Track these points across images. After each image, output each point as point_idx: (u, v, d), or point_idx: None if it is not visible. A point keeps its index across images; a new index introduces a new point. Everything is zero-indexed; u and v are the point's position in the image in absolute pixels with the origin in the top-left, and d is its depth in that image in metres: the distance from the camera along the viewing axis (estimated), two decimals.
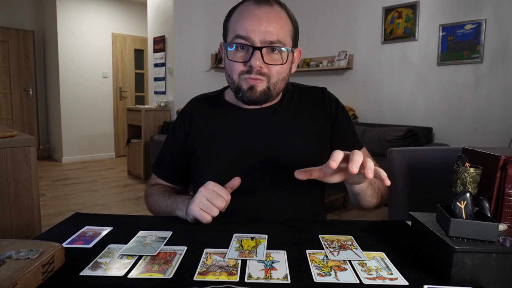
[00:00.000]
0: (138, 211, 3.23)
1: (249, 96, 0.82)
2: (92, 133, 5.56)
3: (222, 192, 0.73)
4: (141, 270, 0.55)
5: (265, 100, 0.85)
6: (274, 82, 0.83)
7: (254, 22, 0.78)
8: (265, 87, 0.82)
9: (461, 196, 0.57)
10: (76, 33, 5.25)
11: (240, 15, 0.81)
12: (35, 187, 1.57)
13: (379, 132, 3.67)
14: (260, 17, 0.79)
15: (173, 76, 4.41)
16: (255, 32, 0.78)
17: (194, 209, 0.72)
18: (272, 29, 0.79)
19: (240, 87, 0.83)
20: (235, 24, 0.81)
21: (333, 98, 0.96)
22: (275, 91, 0.84)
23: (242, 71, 0.81)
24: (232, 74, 0.83)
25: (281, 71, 0.82)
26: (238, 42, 0.80)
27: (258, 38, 0.78)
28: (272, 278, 0.53)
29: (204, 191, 0.73)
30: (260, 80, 0.81)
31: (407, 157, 1.19)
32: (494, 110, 3.30)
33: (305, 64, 4.76)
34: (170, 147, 0.97)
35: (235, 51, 0.81)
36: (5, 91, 5.11)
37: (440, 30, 3.58)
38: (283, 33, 0.81)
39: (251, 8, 0.80)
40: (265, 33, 0.78)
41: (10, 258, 0.51)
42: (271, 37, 0.79)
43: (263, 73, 0.80)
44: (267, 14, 0.79)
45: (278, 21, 0.80)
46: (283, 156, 0.87)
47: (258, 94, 0.82)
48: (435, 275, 0.55)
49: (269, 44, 0.79)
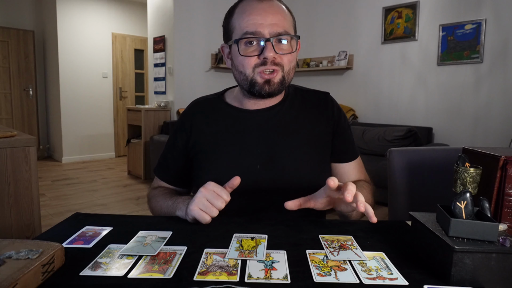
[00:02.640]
0: (138, 211, 3.23)
1: (267, 89, 0.83)
2: (92, 133, 5.56)
3: (222, 193, 0.73)
4: (141, 270, 0.55)
5: (281, 90, 0.86)
6: (287, 71, 0.85)
7: (261, 16, 0.81)
8: (280, 77, 0.84)
9: (461, 196, 0.57)
10: (76, 33, 5.25)
11: (244, 12, 0.83)
12: (35, 187, 1.57)
13: (379, 132, 3.67)
14: (265, 10, 0.81)
15: (173, 76, 4.41)
16: (263, 26, 0.80)
17: (194, 209, 0.72)
18: (277, 20, 0.81)
19: (255, 81, 0.83)
20: (241, 22, 0.82)
21: (336, 104, 0.98)
22: (288, 80, 0.87)
23: (256, 64, 0.82)
24: (245, 69, 0.83)
25: (291, 59, 0.85)
26: (247, 38, 0.81)
27: (267, 31, 0.80)
28: (272, 278, 0.53)
29: (204, 192, 0.73)
30: (276, 71, 0.83)
31: (407, 157, 1.19)
32: (494, 110, 3.30)
33: (305, 64, 4.76)
34: (172, 149, 0.97)
35: (246, 47, 0.82)
36: (5, 91, 5.11)
37: (440, 30, 3.58)
38: (288, 24, 0.84)
39: (253, 3, 0.82)
40: (272, 26, 0.81)
41: (10, 258, 0.51)
42: (279, 29, 0.81)
43: (277, 63, 0.82)
44: (270, 7, 0.82)
45: (282, 12, 0.83)
46: (284, 158, 0.88)
47: (276, 86, 0.84)
48: (435, 275, 0.55)
49: (278, 35, 0.81)
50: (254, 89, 0.84)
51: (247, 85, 0.85)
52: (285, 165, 0.87)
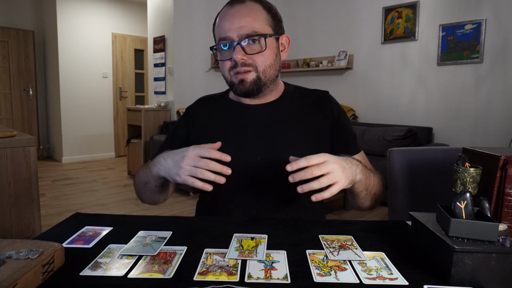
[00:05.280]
0: (138, 211, 3.23)
1: (241, 89, 0.88)
2: (92, 133, 5.56)
3: (205, 153, 0.71)
4: (141, 270, 0.55)
5: (258, 90, 0.89)
6: (262, 70, 0.87)
7: (229, 21, 0.86)
8: (254, 77, 0.87)
9: (461, 196, 0.57)
10: (76, 33, 5.25)
11: (219, 20, 0.90)
12: (35, 187, 1.57)
13: (379, 132, 3.67)
14: (232, 15, 0.86)
15: (173, 76, 4.41)
16: (231, 30, 0.85)
17: (183, 179, 0.70)
18: (245, 23, 0.85)
19: (233, 82, 0.89)
20: (217, 29, 0.90)
21: (335, 102, 1.00)
22: (267, 79, 0.89)
23: (230, 67, 0.88)
24: (224, 72, 0.90)
25: (265, 59, 0.87)
26: (220, 43, 0.87)
27: (235, 34, 0.85)
28: (272, 278, 0.53)
29: (187, 160, 0.71)
30: (248, 71, 0.87)
31: (407, 157, 1.19)
32: (494, 110, 3.30)
33: (305, 64, 4.76)
34: (171, 141, 1.00)
35: (222, 52, 0.89)
36: (5, 91, 5.11)
37: (440, 30, 3.58)
38: (258, 24, 0.86)
39: (226, 10, 0.88)
40: (240, 28, 0.85)
41: (10, 258, 0.51)
42: (246, 30, 0.85)
43: (248, 64, 0.86)
44: (238, 11, 0.86)
45: (250, 14, 0.86)
46: (284, 152, 0.89)
47: (249, 85, 0.88)
48: (435, 275, 0.55)
49: (246, 36, 0.85)
50: (233, 89, 0.91)
51: (229, 86, 0.93)
52: (284, 157, 0.88)
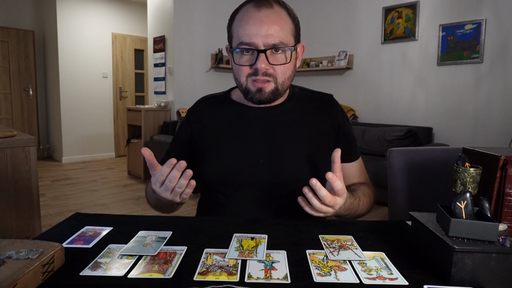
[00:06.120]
0: (138, 211, 3.23)
1: (258, 98, 0.85)
2: (92, 133, 5.56)
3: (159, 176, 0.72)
4: (141, 270, 0.55)
5: (274, 99, 0.88)
6: (281, 82, 0.86)
7: (256, 26, 0.80)
8: (273, 87, 0.85)
9: (461, 196, 0.57)
10: (76, 33, 5.25)
11: (242, 20, 0.83)
12: (35, 187, 1.57)
13: (379, 132, 3.67)
14: (260, 20, 0.81)
15: (173, 76, 4.41)
16: (258, 36, 0.80)
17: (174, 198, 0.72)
18: (273, 31, 0.81)
19: (248, 89, 0.86)
20: (238, 30, 0.84)
21: (339, 107, 1.00)
22: (283, 89, 0.88)
23: (249, 73, 0.84)
24: (240, 77, 0.86)
25: (285, 70, 0.85)
26: (242, 47, 0.83)
27: (261, 42, 0.80)
28: (272, 278, 0.53)
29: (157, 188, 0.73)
30: (268, 82, 0.84)
31: (407, 157, 1.19)
32: (494, 110, 3.30)
33: (305, 64, 4.76)
34: (175, 144, 1.00)
35: (241, 55, 0.84)
36: (5, 91, 5.10)
37: (440, 30, 3.58)
38: (284, 34, 0.83)
39: (251, 11, 0.82)
40: (267, 36, 0.80)
41: (10, 258, 0.51)
42: (273, 40, 0.81)
43: (269, 74, 0.83)
44: (267, 17, 0.81)
45: (279, 22, 0.82)
46: (286, 154, 0.89)
47: (267, 95, 0.85)
48: (435, 275, 0.55)
49: (272, 46, 0.81)
50: (247, 96, 0.87)
51: (242, 91, 0.89)
52: (287, 160, 0.89)
